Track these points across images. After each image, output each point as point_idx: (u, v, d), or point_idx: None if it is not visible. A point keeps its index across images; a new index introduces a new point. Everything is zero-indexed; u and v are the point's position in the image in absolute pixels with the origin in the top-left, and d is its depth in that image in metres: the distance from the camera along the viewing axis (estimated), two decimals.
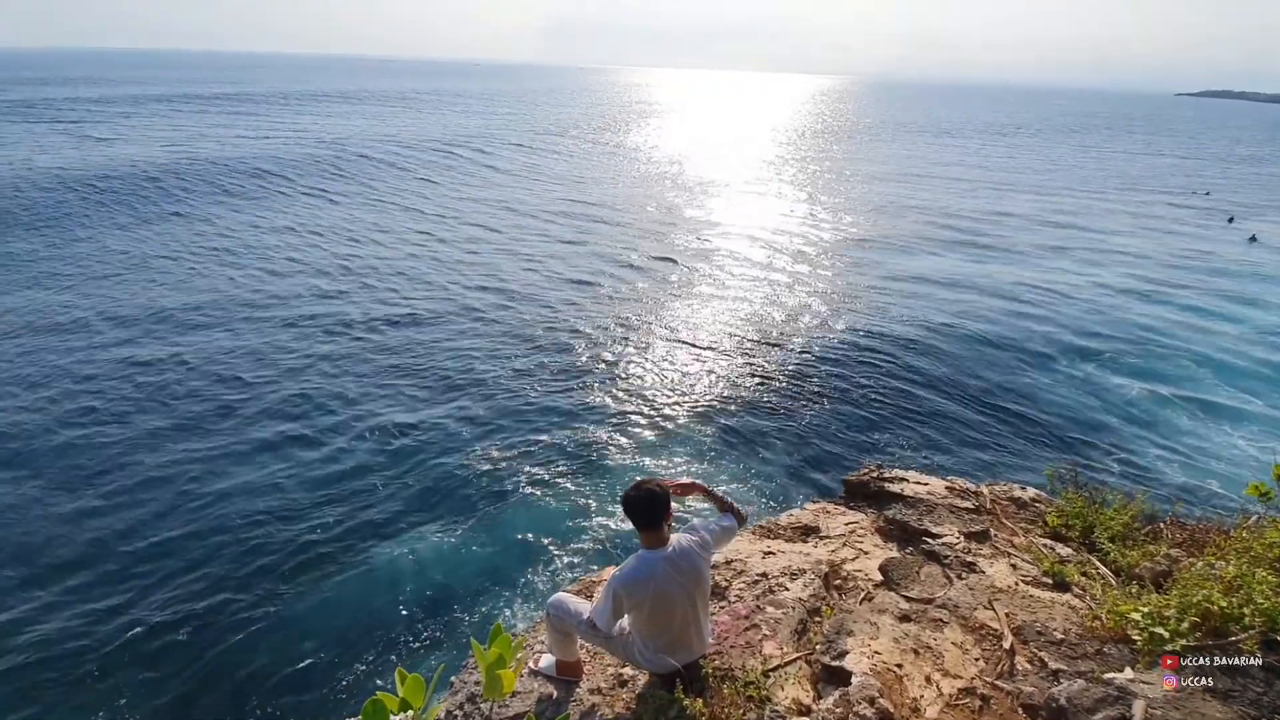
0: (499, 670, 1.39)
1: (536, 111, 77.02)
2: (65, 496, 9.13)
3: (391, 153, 39.82)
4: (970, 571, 4.14)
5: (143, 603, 7.52)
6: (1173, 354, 15.75)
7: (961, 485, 5.41)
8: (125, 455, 10.07)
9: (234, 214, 25.05)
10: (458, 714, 3.42)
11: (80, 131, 40.93)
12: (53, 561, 8.03)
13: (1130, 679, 2.89)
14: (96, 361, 12.99)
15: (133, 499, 9.17)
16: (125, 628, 7.17)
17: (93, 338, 14.05)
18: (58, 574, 7.85)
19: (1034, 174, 45.95)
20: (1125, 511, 4.59)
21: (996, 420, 12.29)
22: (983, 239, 26.45)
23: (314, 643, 7.08)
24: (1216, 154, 66.65)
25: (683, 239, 24.61)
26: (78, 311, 15.42)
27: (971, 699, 3.10)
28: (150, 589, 7.72)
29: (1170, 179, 46.50)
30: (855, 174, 42.43)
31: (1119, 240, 27.13)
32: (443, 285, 18.42)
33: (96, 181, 27.43)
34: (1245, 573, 3.14)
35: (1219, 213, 34.10)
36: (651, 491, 2.99)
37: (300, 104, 67.79)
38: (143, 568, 8.02)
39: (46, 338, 13.97)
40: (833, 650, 3.31)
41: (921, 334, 16.10)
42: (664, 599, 2.98)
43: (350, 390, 12.31)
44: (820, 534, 5.00)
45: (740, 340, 15.46)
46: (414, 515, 9.07)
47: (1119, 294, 20.12)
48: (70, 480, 9.48)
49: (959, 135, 71.43)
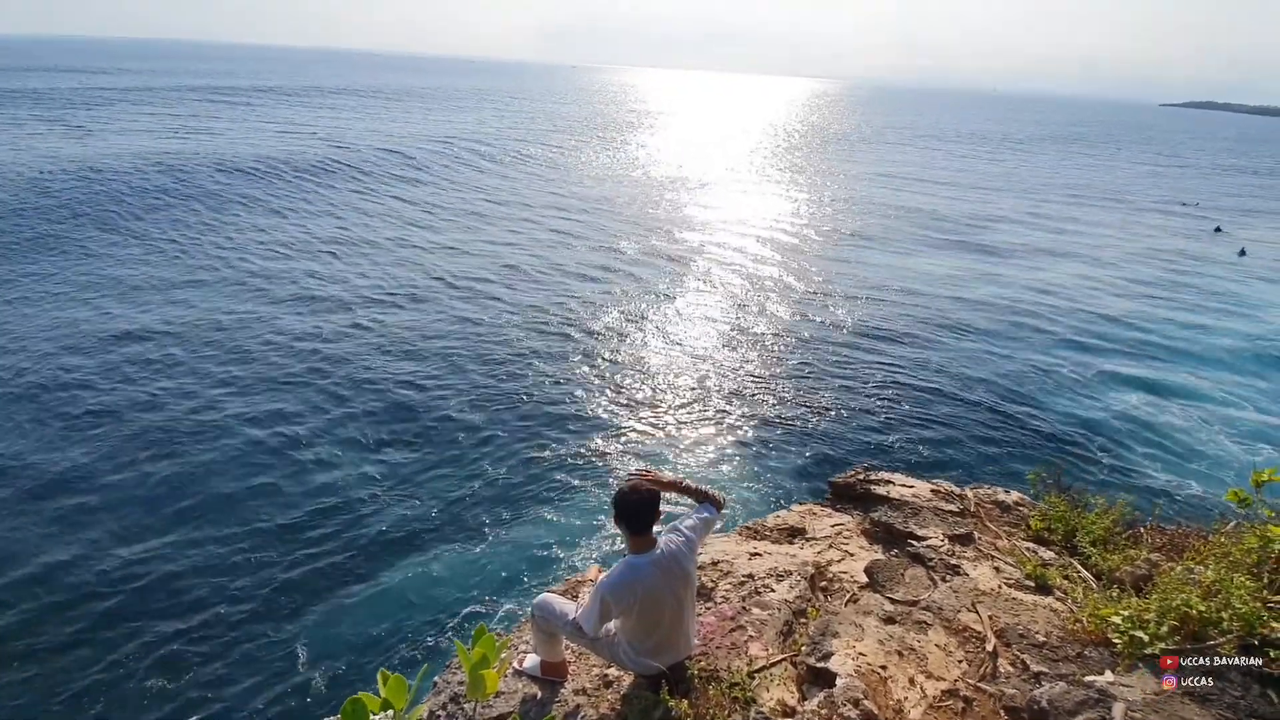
0: (482, 670, 1.38)
1: (535, 106, 76.51)
2: (61, 500, 8.99)
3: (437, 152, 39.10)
4: (954, 574, 4.17)
5: (142, 602, 7.47)
6: (1161, 360, 15.99)
7: (946, 488, 5.45)
8: (141, 463, 9.90)
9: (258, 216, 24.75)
10: (441, 714, 3.39)
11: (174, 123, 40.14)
12: (54, 565, 7.91)
13: (1111, 681, 2.92)
14: (98, 356, 12.81)
15: (145, 504, 9.09)
16: (122, 622, 7.15)
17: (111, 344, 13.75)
18: (61, 578, 7.74)
19: (1023, 180, 46.43)
20: (1107, 516, 4.65)
21: (982, 423, 12.39)
22: (970, 244, 26.71)
23: (301, 644, 7.02)
24: (1203, 165, 67.55)
25: (675, 241, 24.65)
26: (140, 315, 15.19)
27: (954, 701, 3.12)
28: (148, 589, 7.67)
29: (1157, 190, 47.05)
30: (844, 175, 42.69)
31: (1109, 249, 27.45)
32: (432, 287, 18.34)
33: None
34: (1224, 577, 3.19)
35: (1209, 222, 34.53)
36: (650, 495, 2.93)
37: (341, 98, 66.84)
38: (143, 568, 7.96)
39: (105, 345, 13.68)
40: (818, 652, 3.32)
41: (909, 338, 16.22)
42: (653, 604, 2.96)
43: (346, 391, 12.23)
44: (806, 536, 5.01)
45: (728, 344, 15.50)
46: (402, 519, 9.01)
47: (1107, 301, 20.37)
48: (67, 485, 9.33)
49: (947, 140, 71.90)
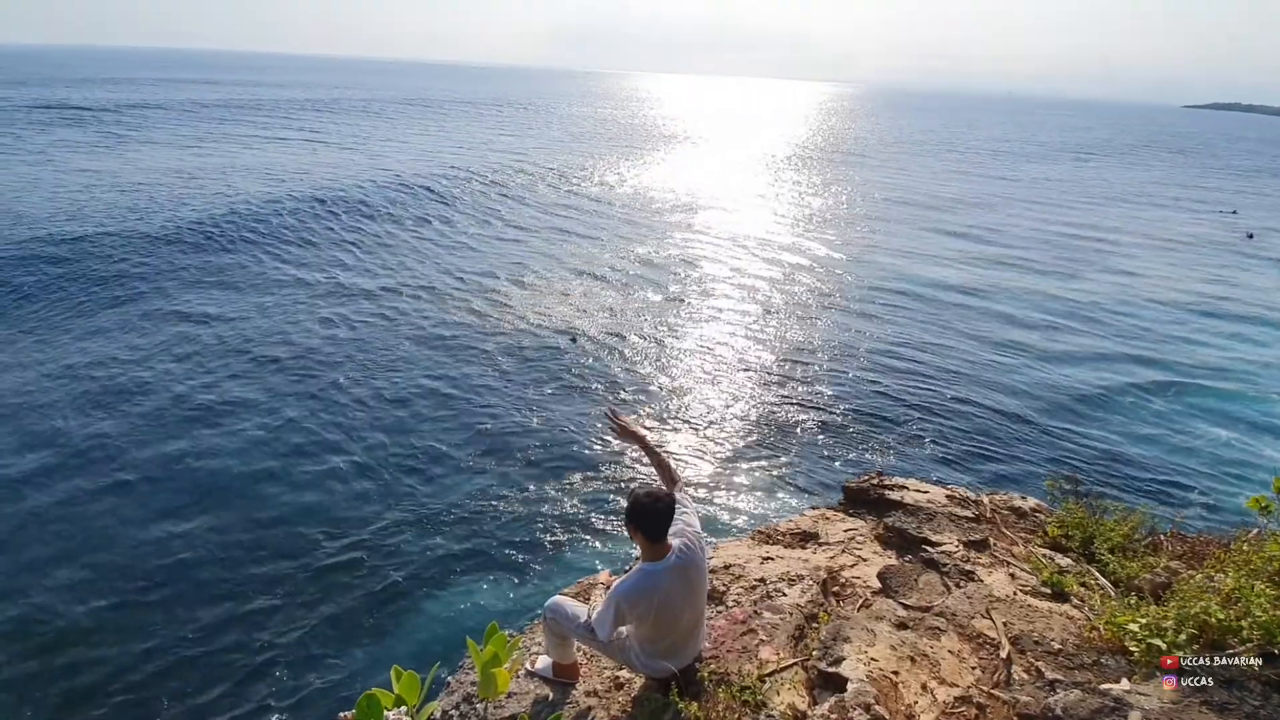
0: (494, 669, 1.41)
1: (573, 111, 75.41)
2: (90, 500, 9.18)
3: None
4: (968, 580, 4.13)
5: (159, 591, 7.62)
6: (1188, 367, 15.66)
7: (962, 494, 5.41)
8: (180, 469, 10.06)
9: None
10: (454, 714, 3.42)
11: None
12: (76, 560, 8.09)
13: (1127, 690, 2.88)
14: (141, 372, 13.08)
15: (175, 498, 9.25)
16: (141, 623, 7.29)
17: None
18: (83, 574, 7.91)
19: (1043, 186, 45.83)
20: (1126, 523, 4.59)
21: (999, 430, 12.26)
22: (991, 249, 26.39)
23: (315, 639, 7.11)
24: (1239, 168, 65.80)
25: (686, 245, 24.66)
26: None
27: (968, 707, 3.09)
28: (169, 579, 7.83)
29: (1190, 193, 45.89)
30: (856, 179, 42.46)
31: (1139, 257, 26.77)
32: (440, 287, 18.52)
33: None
34: (1244, 585, 3.14)
35: (1244, 229, 33.59)
36: (669, 501, 2.90)
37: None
38: (161, 559, 8.12)
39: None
40: (829, 656, 3.31)
41: (924, 343, 16.09)
42: (668, 610, 2.96)
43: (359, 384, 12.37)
44: (819, 540, 5.00)
45: (741, 348, 15.47)
46: (413, 520, 9.09)
47: (1135, 308, 20.00)
48: (102, 478, 9.55)
49: (961, 149, 71.03)
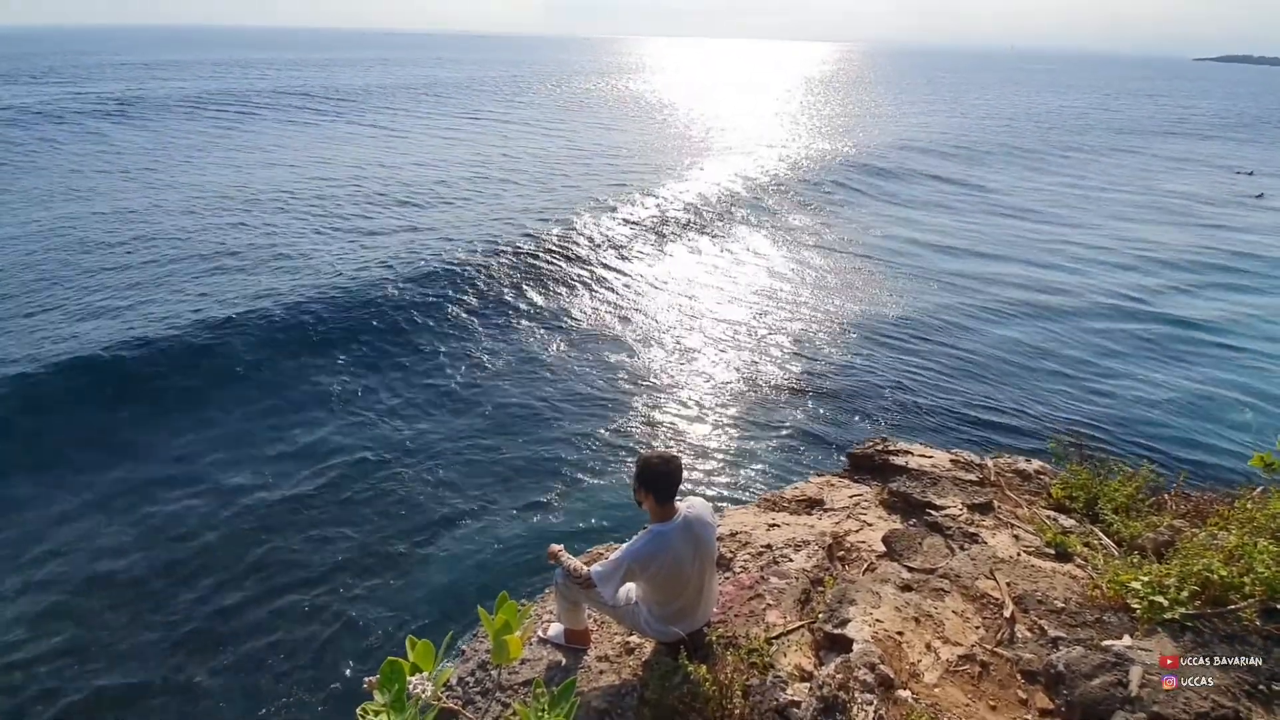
0: (505, 636, 1.43)
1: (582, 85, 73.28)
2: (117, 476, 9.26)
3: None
4: (972, 542, 4.18)
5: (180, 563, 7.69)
6: (1190, 327, 15.53)
7: (966, 458, 5.44)
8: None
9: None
10: (470, 680, 3.51)
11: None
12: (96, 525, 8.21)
13: (1128, 646, 2.93)
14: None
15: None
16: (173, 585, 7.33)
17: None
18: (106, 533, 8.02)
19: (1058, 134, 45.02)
20: (1130, 483, 4.61)
21: (1003, 394, 12.25)
22: (1001, 207, 25.96)
23: (332, 608, 7.24)
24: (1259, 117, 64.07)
25: (693, 212, 24.39)
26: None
27: (971, 665, 3.16)
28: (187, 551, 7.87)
29: (1206, 149, 44.51)
30: (864, 143, 41.77)
31: (1152, 227, 25.99)
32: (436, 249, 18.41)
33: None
34: (1246, 542, 3.17)
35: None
36: (678, 464, 3.00)
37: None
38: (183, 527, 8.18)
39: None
40: (835, 619, 3.37)
41: (931, 306, 15.99)
42: (677, 570, 3.03)
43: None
44: (824, 506, 5.05)
45: (746, 314, 15.41)
46: (436, 493, 9.16)
47: (1139, 274, 19.74)
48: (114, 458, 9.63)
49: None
